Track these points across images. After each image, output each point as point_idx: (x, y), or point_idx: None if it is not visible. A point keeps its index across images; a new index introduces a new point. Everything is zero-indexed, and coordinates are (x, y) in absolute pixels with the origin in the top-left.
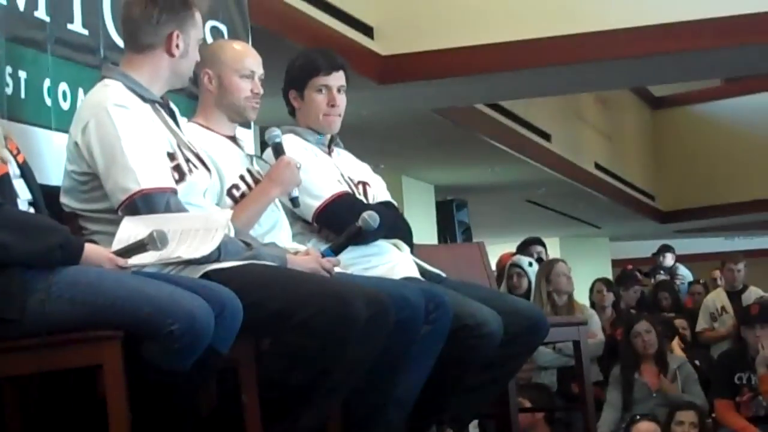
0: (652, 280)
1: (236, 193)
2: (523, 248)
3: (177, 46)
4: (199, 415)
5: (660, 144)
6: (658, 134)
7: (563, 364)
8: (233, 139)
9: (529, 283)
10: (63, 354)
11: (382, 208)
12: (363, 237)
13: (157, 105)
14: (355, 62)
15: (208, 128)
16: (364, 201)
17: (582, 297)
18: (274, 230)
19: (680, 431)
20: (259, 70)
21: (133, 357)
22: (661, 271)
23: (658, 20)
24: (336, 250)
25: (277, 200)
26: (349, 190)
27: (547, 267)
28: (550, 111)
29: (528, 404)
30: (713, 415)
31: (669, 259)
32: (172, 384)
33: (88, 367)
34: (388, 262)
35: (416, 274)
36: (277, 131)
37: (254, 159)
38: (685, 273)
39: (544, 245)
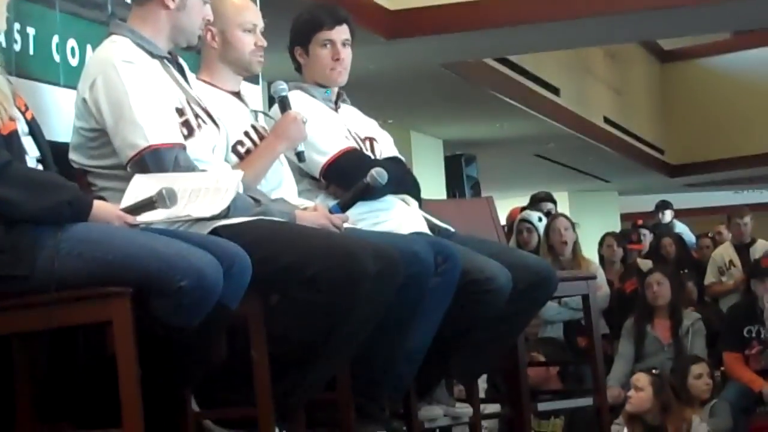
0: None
1: (241, 150)
2: (533, 204)
3: None
4: (208, 371)
5: (669, 98)
6: (667, 88)
7: (569, 318)
8: (238, 95)
9: (539, 238)
10: (72, 310)
11: (390, 163)
12: (371, 193)
13: (165, 60)
14: (362, 17)
15: (212, 84)
16: (372, 156)
17: (591, 250)
18: (281, 187)
19: (700, 384)
20: (260, 23)
21: (143, 313)
22: (655, 230)
23: None
24: (344, 207)
25: (282, 157)
26: (356, 146)
27: (548, 223)
28: (558, 65)
29: (541, 358)
30: (722, 368)
31: (668, 216)
32: (182, 340)
33: (97, 323)
34: (397, 217)
35: (425, 229)
36: (283, 85)
37: (259, 114)
38: (682, 229)
39: (554, 201)
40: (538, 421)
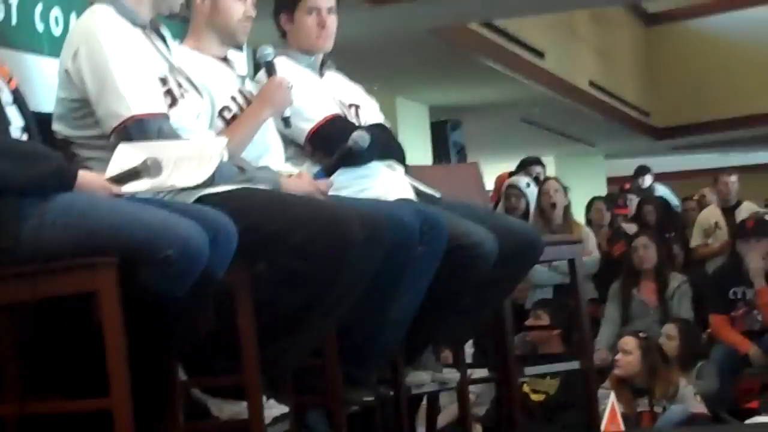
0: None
1: (227, 115)
2: (522, 168)
3: None
4: (196, 339)
5: (654, 60)
6: (652, 51)
7: (558, 282)
8: (224, 60)
9: (527, 203)
10: (58, 281)
11: (375, 129)
12: (354, 158)
13: (147, 29)
14: None
15: (198, 50)
16: (357, 123)
17: (578, 214)
18: (268, 153)
19: (667, 344)
20: None
21: (129, 283)
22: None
23: None
24: (328, 172)
25: (270, 122)
26: (341, 113)
27: (540, 186)
28: (543, 29)
29: (544, 319)
30: (708, 330)
31: (647, 180)
32: (168, 309)
33: (83, 293)
34: (383, 183)
35: (411, 196)
36: (269, 49)
37: (246, 80)
38: (663, 192)
39: (543, 165)
40: (533, 379)
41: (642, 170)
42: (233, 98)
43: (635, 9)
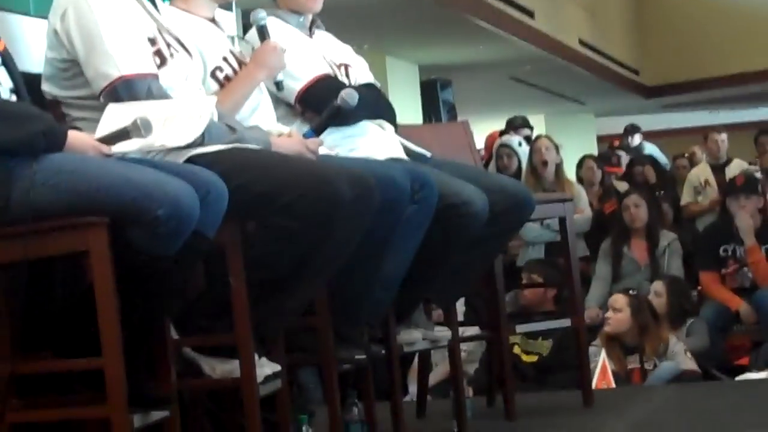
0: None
1: (220, 75)
2: (510, 129)
3: None
4: (187, 299)
5: (644, 19)
6: (642, 9)
7: (550, 239)
8: (213, 21)
9: (519, 162)
10: (48, 241)
11: (365, 89)
12: (343, 116)
13: None
14: None
15: (187, 11)
16: (346, 83)
17: (569, 173)
18: (257, 112)
19: (656, 301)
20: None
21: (119, 243)
22: (623, 153)
23: None
24: (317, 130)
25: (261, 83)
26: (331, 72)
27: (531, 144)
28: None
29: (540, 280)
30: (699, 287)
31: (636, 139)
32: (159, 268)
33: (74, 253)
34: (373, 142)
35: (401, 155)
36: (262, 13)
37: (236, 40)
38: (652, 150)
39: (530, 127)
40: (525, 340)
41: (632, 129)
42: (225, 59)
43: None
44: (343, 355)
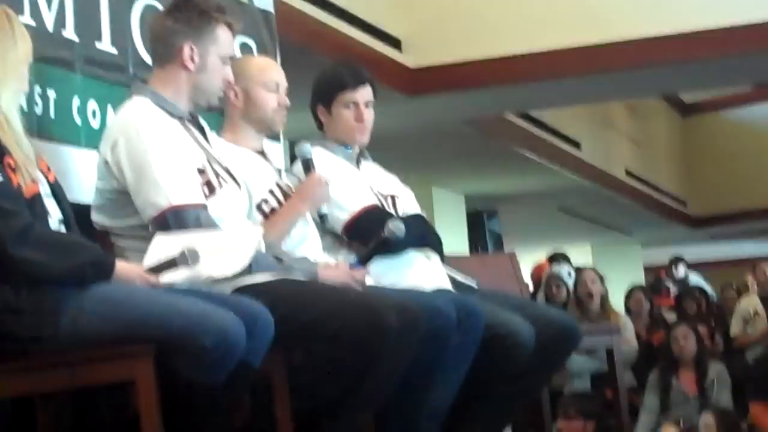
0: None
1: (266, 208)
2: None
3: (192, 59)
4: (232, 429)
5: (691, 150)
6: (688, 140)
7: (596, 369)
8: (261, 153)
9: (568, 292)
10: (96, 370)
11: (412, 219)
12: (390, 246)
13: (186, 121)
14: (383, 75)
15: (236, 143)
16: (393, 213)
17: (614, 303)
18: (304, 244)
19: None
20: (284, 82)
21: (166, 372)
22: (671, 283)
23: (687, 27)
24: (363, 261)
25: (307, 214)
26: (378, 203)
27: (576, 276)
28: (579, 119)
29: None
30: (749, 419)
31: (681, 270)
32: (205, 398)
33: (121, 382)
34: (419, 272)
35: (447, 285)
36: (307, 147)
37: (282, 173)
38: (696, 282)
39: (569, 261)
40: None
41: (676, 260)
42: (271, 191)
43: (671, 99)
44: None
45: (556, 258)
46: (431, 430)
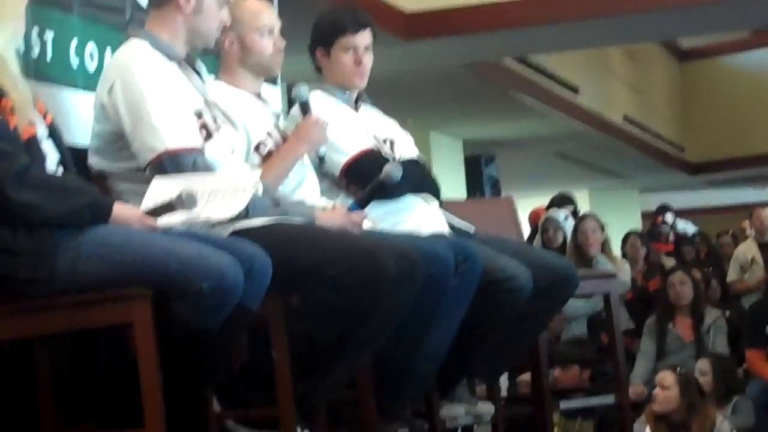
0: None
1: (263, 150)
2: (551, 207)
3: (188, 1)
4: (230, 372)
5: (688, 96)
6: (686, 86)
7: (591, 311)
8: (259, 96)
9: (565, 237)
10: (93, 312)
11: (410, 164)
12: (387, 190)
13: (183, 63)
14: (381, 19)
15: (233, 85)
16: (391, 157)
17: (612, 248)
18: (302, 186)
19: (701, 379)
20: (277, 24)
21: (163, 315)
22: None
23: None
24: (360, 204)
25: (304, 157)
26: (376, 147)
27: (576, 223)
28: (577, 64)
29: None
30: (744, 365)
31: (669, 217)
32: (203, 341)
33: (118, 325)
34: (417, 217)
35: (445, 229)
36: (304, 88)
37: (280, 116)
38: (684, 228)
39: (574, 203)
40: (564, 421)
41: (663, 208)
42: (269, 134)
43: (669, 45)
44: (385, 430)
45: (555, 201)
46: (428, 374)
